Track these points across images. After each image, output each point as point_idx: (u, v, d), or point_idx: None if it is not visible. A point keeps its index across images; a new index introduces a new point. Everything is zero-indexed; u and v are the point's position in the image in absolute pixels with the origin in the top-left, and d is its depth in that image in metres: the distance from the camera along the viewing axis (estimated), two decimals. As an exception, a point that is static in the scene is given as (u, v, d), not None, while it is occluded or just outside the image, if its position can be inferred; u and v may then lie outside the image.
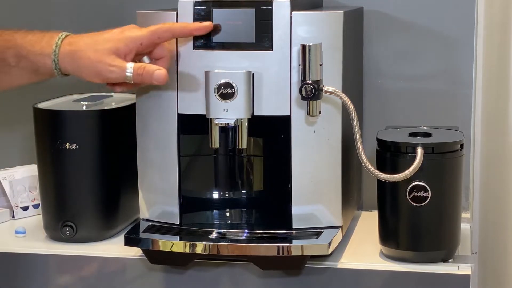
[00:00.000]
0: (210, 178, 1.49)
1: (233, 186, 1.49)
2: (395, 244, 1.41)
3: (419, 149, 1.36)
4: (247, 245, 1.36)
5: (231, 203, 1.49)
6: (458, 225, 1.42)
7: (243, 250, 1.35)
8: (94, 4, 1.83)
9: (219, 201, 1.49)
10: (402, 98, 1.73)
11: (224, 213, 1.48)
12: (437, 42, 1.70)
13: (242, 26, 1.37)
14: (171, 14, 1.39)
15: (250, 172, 1.49)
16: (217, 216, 1.48)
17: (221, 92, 1.36)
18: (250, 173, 1.49)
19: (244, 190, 1.49)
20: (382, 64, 1.73)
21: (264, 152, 1.48)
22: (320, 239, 1.37)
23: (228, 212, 1.48)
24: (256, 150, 1.48)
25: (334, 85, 1.35)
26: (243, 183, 1.49)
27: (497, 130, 1.64)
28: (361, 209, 1.73)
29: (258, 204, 1.48)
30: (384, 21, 1.71)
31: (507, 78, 1.59)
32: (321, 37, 1.36)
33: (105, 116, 1.53)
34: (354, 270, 1.40)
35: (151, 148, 1.44)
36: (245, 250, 1.35)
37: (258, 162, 1.48)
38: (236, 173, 1.49)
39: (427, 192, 1.37)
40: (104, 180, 1.53)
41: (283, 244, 1.35)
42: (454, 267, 1.39)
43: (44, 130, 1.53)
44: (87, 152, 1.50)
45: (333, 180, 1.41)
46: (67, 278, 1.49)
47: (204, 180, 1.50)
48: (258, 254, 1.36)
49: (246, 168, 1.49)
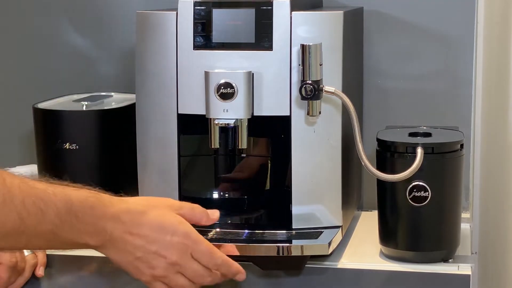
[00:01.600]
0: (210, 178, 1.49)
1: (233, 186, 1.49)
2: (395, 244, 1.41)
3: (419, 149, 1.36)
4: (247, 245, 1.36)
5: (231, 203, 1.49)
6: (458, 225, 1.42)
7: (243, 250, 1.35)
8: (94, 4, 1.83)
9: (218, 201, 1.49)
10: (402, 98, 1.73)
11: (224, 213, 1.48)
12: (437, 42, 1.70)
13: (242, 26, 1.37)
14: (171, 14, 1.39)
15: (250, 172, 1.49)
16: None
17: (221, 92, 1.36)
18: (250, 173, 1.49)
19: (244, 190, 1.49)
20: (382, 64, 1.73)
21: (264, 152, 1.48)
22: (320, 239, 1.37)
23: (227, 212, 1.48)
24: (256, 150, 1.48)
25: (334, 85, 1.35)
26: (243, 183, 1.49)
27: (497, 130, 1.64)
28: (361, 209, 1.73)
29: (258, 204, 1.48)
30: (384, 21, 1.71)
31: (507, 78, 1.59)
32: (321, 37, 1.36)
33: (105, 116, 1.54)
34: (354, 270, 1.40)
35: (151, 148, 1.44)
36: (245, 250, 1.35)
37: (258, 162, 1.48)
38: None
39: (427, 192, 1.37)
40: (104, 180, 1.53)
41: (283, 244, 1.35)
42: (454, 267, 1.39)
43: (44, 130, 1.53)
44: (87, 152, 1.50)
45: (333, 180, 1.41)
46: (67, 278, 1.49)
47: (204, 180, 1.50)
48: (258, 254, 1.35)
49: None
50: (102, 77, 1.84)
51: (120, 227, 1.20)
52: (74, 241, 1.18)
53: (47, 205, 1.14)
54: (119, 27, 1.81)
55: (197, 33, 1.39)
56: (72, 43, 1.85)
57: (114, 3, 1.82)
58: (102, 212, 1.19)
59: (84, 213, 1.17)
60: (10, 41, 1.88)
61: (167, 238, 1.21)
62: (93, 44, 1.84)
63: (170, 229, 1.21)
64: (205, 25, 1.39)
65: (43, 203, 1.13)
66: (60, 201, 1.15)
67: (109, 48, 1.83)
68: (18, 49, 1.88)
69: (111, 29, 1.83)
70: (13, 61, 1.89)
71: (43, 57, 1.87)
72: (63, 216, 1.15)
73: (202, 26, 1.39)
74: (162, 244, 1.21)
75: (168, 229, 1.21)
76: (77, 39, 1.85)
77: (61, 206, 1.15)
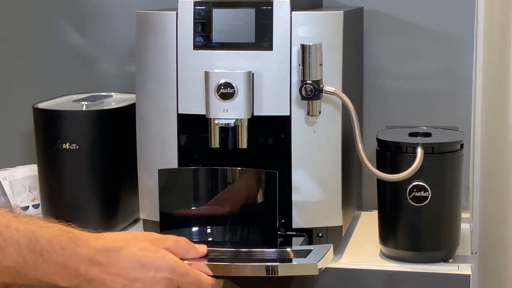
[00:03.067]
0: (190, 194, 1.43)
1: (217, 202, 1.42)
2: (395, 244, 1.41)
3: (419, 149, 1.36)
4: (232, 265, 1.28)
5: (215, 220, 1.41)
6: (458, 225, 1.42)
7: (229, 271, 1.28)
8: (94, 4, 1.83)
9: (201, 218, 1.42)
10: (402, 98, 1.73)
11: (208, 231, 1.42)
12: (437, 42, 1.70)
13: (242, 26, 1.37)
14: (171, 14, 1.39)
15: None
16: (199, 233, 1.42)
17: (221, 92, 1.36)
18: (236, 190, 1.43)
19: (229, 206, 1.41)
20: (382, 64, 1.73)
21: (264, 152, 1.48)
22: (309, 258, 1.31)
23: (212, 230, 1.41)
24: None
25: (334, 85, 1.35)
26: (228, 199, 1.42)
27: (497, 130, 1.64)
28: (361, 209, 1.73)
29: (243, 221, 1.40)
30: (384, 21, 1.71)
31: (507, 78, 1.59)
32: (321, 37, 1.36)
33: (105, 116, 1.54)
34: (354, 270, 1.40)
35: (151, 148, 1.44)
36: (230, 270, 1.28)
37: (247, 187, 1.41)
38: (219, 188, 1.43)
39: (427, 192, 1.37)
40: (104, 180, 1.53)
41: (271, 264, 1.28)
42: (454, 267, 1.39)
43: (44, 130, 1.53)
44: (87, 152, 1.50)
45: (333, 180, 1.41)
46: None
47: (185, 195, 1.43)
48: (244, 275, 1.29)
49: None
50: (102, 77, 1.84)
51: (96, 267, 1.14)
52: (41, 281, 1.13)
53: (6, 241, 1.08)
54: (119, 27, 1.81)
55: (197, 33, 1.39)
56: (72, 43, 1.85)
57: (114, 3, 1.82)
58: (74, 252, 1.13)
59: (52, 252, 1.12)
60: (10, 41, 1.88)
61: (149, 274, 1.16)
62: (93, 44, 1.84)
63: (153, 265, 1.17)
64: (205, 25, 1.39)
65: (2, 238, 1.08)
66: (23, 238, 1.10)
67: (109, 48, 1.83)
68: (18, 49, 1.88)
69: (111, 29, 1.82)
70: (13, 61, 1.89)
71: (43, 57, 1.87)
72: (26, 254, 1.09)
73: (202, 26, 1.39)
74: (146, 281, 1.16)
75: (151, 265, 1.17)
76: (77, 39, 1.85)
77: (24, 243, 1.09)
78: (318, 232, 1.41)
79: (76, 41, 1.85)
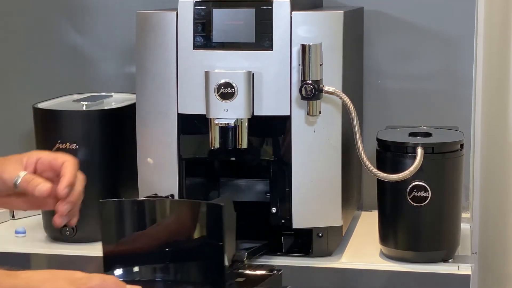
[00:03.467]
0: (133, 225, 1.33)
1: (158, 235, 1.30)
2: (395, 244, 1.41)
3: (419, 149, 1.36)
4: None
5: (154, 256, 1.29)
6: (458, 225, 1.42)
7: None
8: (94, 4, 1.83)
9: (141, 255, 1.30)
10: (402, 98, 1.73)
11: (147, 267, 1.30)
12: (437, 42, 1.70)
13: (242, 26, 1.37)
14: (171, 14, 1.39)
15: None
16: (136, 271, 1.30)
17: (221, 92, 1.36)
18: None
19: (171, 241, 1.30)
20: (382, 64, 1.73)
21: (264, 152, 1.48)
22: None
23: (150, 267, 1.30)
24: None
25: (334, 85, 1.35)
26: (170, 233, 1.30)
27: (497, 130, 1.64)
28: (361, 209, 1.73)
29: (187, 258, 1.28)
30: (384, 21, 1.72)
31: (507, 78, 1.59)
32: (321, 37, 1.36)
33: (105, 116, 1.54)
34: (354, 270, 1.40)
35: (151, 148, 1.44)
36: None
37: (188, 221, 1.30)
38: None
39: (427, 192, 1.37)
40: (104, 180, 1.53)
41: None
42: (454, 267, 1.39)
43: (44, 130, 1.53)
44: (87, 152, 1.50)
45: (333, 180, 1.41)
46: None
47: (129, 226, 1.33)
48: None
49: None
50: (102, 77, 1.84)
51: None
52: None
53: None
54: (119, 27, 1.81)
55: (197, 33, 1.39)
56: (72, 43, 1.85)
57: (114, 3, 1.82)
58: None
59: None
60: (10, 41, 1.88)
61: None
62: (93, 44, 1.84)
63: None
64: (205, 25, 1.39)
65: None
66: None
67: (109, 48, 1.83)
68: (18, 49, 1.88)
69: (111, 29, 1.82)
70: (13, 61, 1.89)
71: (43, 57, 1.87)
72: None
73: (202, 26, 1.39)
74: None
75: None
76: (77, 39, 1.85)
77: None
78: (318, 232, 1.42)
79: (76, 41, 1.85)
